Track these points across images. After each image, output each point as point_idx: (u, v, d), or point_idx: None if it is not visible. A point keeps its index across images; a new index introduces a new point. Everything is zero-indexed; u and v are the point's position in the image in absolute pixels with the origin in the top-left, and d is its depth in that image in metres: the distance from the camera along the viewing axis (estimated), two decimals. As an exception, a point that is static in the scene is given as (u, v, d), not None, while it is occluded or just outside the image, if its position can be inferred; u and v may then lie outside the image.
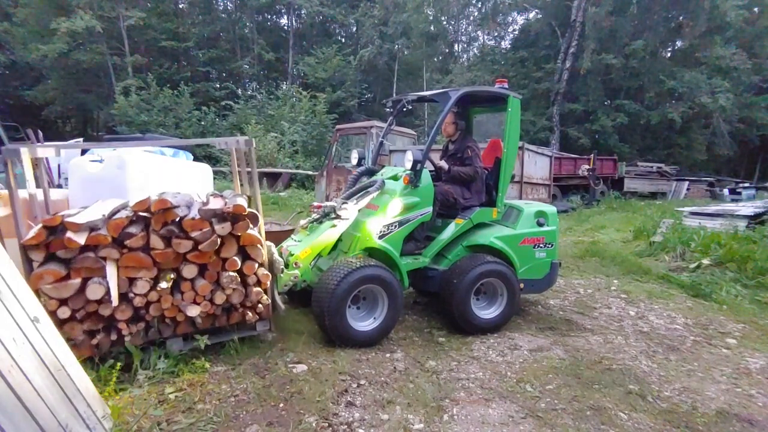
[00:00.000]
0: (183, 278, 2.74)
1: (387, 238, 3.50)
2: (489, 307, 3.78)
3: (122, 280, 2.60)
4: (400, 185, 3.57)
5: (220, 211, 2.75)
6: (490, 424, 2.36)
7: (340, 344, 3.21)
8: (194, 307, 2.76)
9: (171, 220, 2.69)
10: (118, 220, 2.60)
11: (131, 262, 2.60)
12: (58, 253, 2.49)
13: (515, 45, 27.38)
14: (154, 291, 2.65)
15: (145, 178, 4.49)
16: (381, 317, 3.31)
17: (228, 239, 2.80)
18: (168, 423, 2.22)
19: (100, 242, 2.53)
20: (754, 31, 22.31)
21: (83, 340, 2.58)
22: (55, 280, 2.43)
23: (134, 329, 2.70)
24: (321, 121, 20.60)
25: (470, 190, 3.96)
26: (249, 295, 2.94)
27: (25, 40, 22.57)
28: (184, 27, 26.90)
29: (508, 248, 3.81)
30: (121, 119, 21.24)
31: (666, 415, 2.52)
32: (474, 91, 4.03)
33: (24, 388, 1.54)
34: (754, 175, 26.48)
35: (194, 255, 2.72)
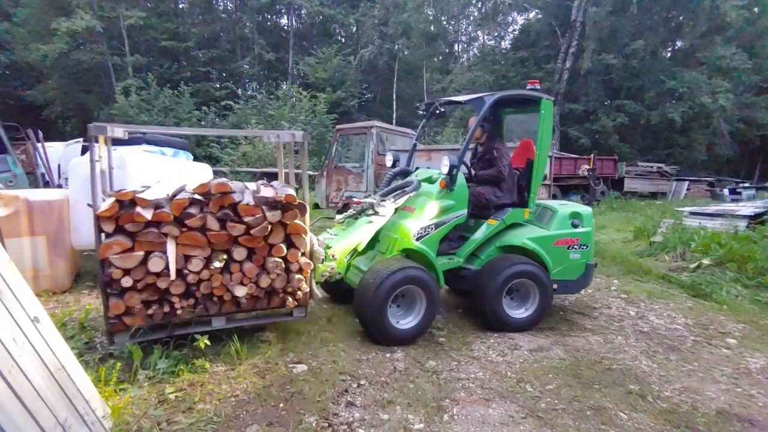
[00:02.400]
0: (233, 260, 2.88)
1: (424, 239, 3.61)
2: (521, 307, 3.83)
3: (179, 256, 2.74)
4: (436, 188, 3.68)
5: (272, 199, 2.90)
6: (490, 424, 2.36)
7: (381, 342, 3.34)
8: (241, 288, 2.90)
9: (228, 204, 2.84)
10: (180, 201, 2.75)
11: (188, 241, 2.76)
12: (126, 226, 2.65)
13: (515, 45, 27.38)
14: (206, 269, 2.80)
15: (145, 178, 4.49)
16: (419, 316, 3.41)
17: (276, 227, 2.94)
18: (168, 423, 2.22)
19: (164, 219, 2.69)
20: (754, 31, 22.30)
21: (139, 310, 2.73)
22: (121, 250, 2.61)
23: (185, 304, 2.84)
24: (321, 121, 20.61)
25: (502, 191, 4.00)
26: (291, 281, 3.07)
27: (25, 40, 22.58)
28: (184, 27, 26.90)
29: (541, 249, 3.83)
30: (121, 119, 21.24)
31: (666, 415, 2.52)
32: (508, 95, 4.06)
33: (24, 388, 1.54)
34: (754, 175, 26.47)
35: (245, 239, 2.87)
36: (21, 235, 4.12)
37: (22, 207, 4.14)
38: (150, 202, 2.70)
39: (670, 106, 21.75)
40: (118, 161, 4.38)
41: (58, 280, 4.36)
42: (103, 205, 2.66)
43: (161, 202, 2.75)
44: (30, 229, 4.18)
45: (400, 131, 9.94)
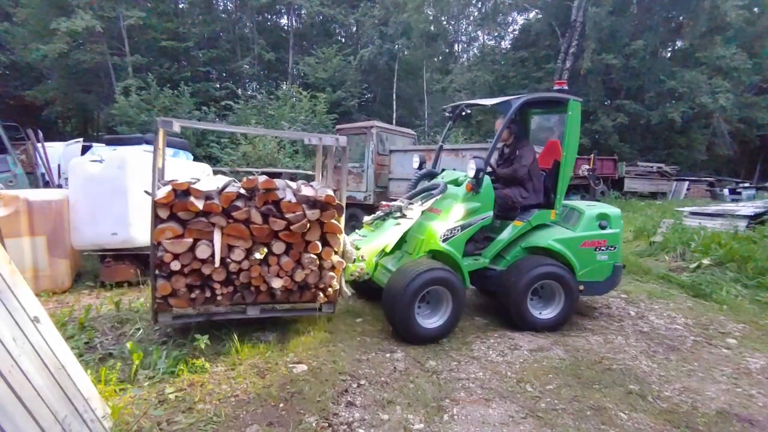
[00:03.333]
0: (272, 253, 3.06)
1: (450, 241, 3.68)
2: (546, 307, 3.85)
3: (223, 246, 2.91)
4: (462, 191, 3.73)
5: (313, 198, 3.06)
6: (490, 424, 2.36)
7: (408, 341, 3.41)
8: (278, 280, 3.07)
9: (271, 200, 3.02)
10: (229, 194, 2.93)
11: (233, 232, 2.94)
12: (179, 214, 2.85)
13: (515, 45, 27.37)
14: (247, 260, 2.98)
15: (145, 178, 4.49)
16: (445, 316, 3.48)
17: (314, 225, 3.09)
18: (168, 423, 2.21)
19: (213, 210, 2.88)
20: (754, 31, 22.30)
21: (184, 293, 2.92)
22: (173, 236, 2.80)
23: (225, 291, 3.03)
24: (321, 121, 20.60)
25: (528, 192, 4.03)
26: (323, 278, 3.23)
27: (25, 40, 22.57)
28: (184, 27, 26.90)
29: (567, 251, 3.85)
30: (121, 119, 21.24)
31: (666, 415, 2.52)
32: (535, 98, 4.07)
33: (24, 388, 1.54)
34: (754, 175, 26.46)
35: (285, 234, 3.03)
36: (21, 235, 4.12)
37: (22, 207, 4.14)
38: (202, 193, 2.88)
39: (670, 106, 21.75)
40: (118, 162, 4.39)
41: (58, 280, 4.36)
42: (160, 193, 2.81)
43: (211, 194, 2.94)
44: (30, 229, 4.18)
45: (400, 131, 9.93)
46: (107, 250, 4.51)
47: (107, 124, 24.51)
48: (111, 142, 8.98)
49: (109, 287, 4.48)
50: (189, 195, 2.84)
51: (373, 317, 3.93)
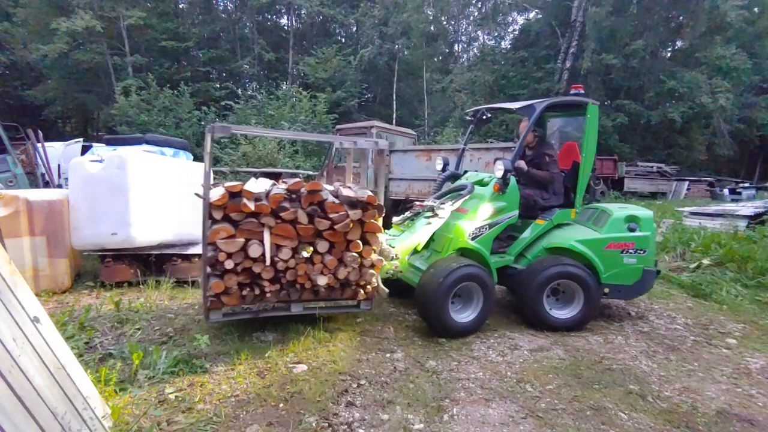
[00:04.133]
0: (316, 252, 3.18)
1: (479, 239, 3.80)
2: (565, 308, 3.86)
3: (272, 245, 3.03)
4: (489, 191, 3.84)
5: (355, 199, 3.21)
6: (490, 424, 2.36)
7: (442, 335, 3.52)
8: (323, 277, 3.21)
9: (316, 201, 3.16)
10: (277, 195, 3.07)
11: (281, 232, 3.08)
12: (232, 215, 2.99)
13: (515, 45, 27.36)
14: (293, 258, 3.12)
15: (145, 178, 4.50)
16: (477, 311, 3.61)
17: (355, 224, 3.23)
18: (168, 423, 2.21)
19: (263, 211, 3.02)
20: (754, 31, 22.30)
21: (235, 291, 3.04)
22: (226, 236, 2.94)
23: (273, 288, 3.16)
24: (321, 121, 20.59)
25: (549, 192, 4.14)
26: (363, 275, 3.36)
27: (25, 40, 22.57)
28: (184, 27, 26.90)
29: (590, 252, 3.85)
30: (121, 119, 21.23)
31: (666, 415, 2.52)
32: (557, 101, 4.21)
33: (24, 388, 1.54)
34: (754, 175, 26.47)
35: (329, 233, 3.16)
36: (21, 235, 4.12)
37: (22, 207, 4.14)
38: (254, 195, 3.04)
39: (670, 106, 21.74)
40: (118, 162, 4.39)
41: (58, 280, 4.36)
42: (215, 195, 2.96)
43: (261, 196, 3.10)
44: (30, 229, 4.18)
45: (400, 131, 9.93)
46: (107, 250, 4.50)
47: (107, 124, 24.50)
48: (111, 142, 8.99)
49: (109, 287, 4.48)
50: (241, 197, 2.99)
51: (373, 317, 3.93)
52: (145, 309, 3.77)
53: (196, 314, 3.79)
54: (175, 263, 4.71)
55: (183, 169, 5.19)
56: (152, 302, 3.99)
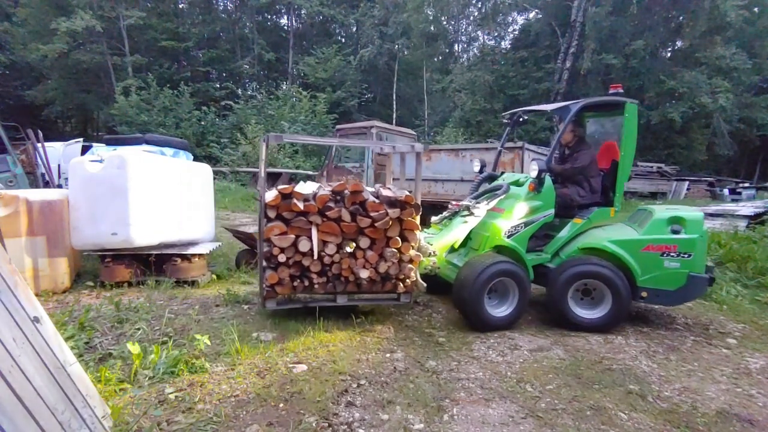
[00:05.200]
0: (358, 247, 3.50)
1: (515, 237, 3.90)
2: (593, 308, 3.84)
3: (319, 241, 3.37)
4: (525, 191, 3.94)
5: (394, 198, 3.49)
6: (490, 424, 2.36)
7: (479, 329, 3.69)
8: (364, 271, 3.51)
9: (358, 201, 3.48)
10: (323, 196, 3.43)
11: (327, 229, 3.43)
12: (284, 214, 3.38)
13: (515, 45, 27.35)
14: (338, 253, 3.46)
15: (145, 178, 4.50)
16: (512, 306, 3.74)
17: (394, 222, 3.52)
18: (168, 423, 2.21)
19: (311, 210, 3.39)
20: (754, 31, 22.30)
21: (287, 282, 3.44)
22: (279, 233, 3.33)
23: (320, 280, 3.51)
24: (321, 121, 20.61)
25: (586, 191, 4.15)
26: (402, 270, 3.63)
27: (25, 40, 22.58)
28: (184, 27, 26.91)
29: (624, 253, 3.77)
30: (121, 119, 21.24)
31: (666, 415, 2.52)
32: (592, 102, 4.23)
33: (24, 388, 1.54)
34: (754, 175, 26.46)
35: (370, 230, 3.48)
36: (21, 235, 4.12)
37: (22, 207, 4.14)
38: (302, 195, 3.40)
39: (670, 106, 21.72)
40: (118, 162, 4.39)
41: (58, 280, 4.36)
42: (269, 196, 3.35)
43: (309, 197, 3.45)
44: (30, 229, 4.18)
45: (399, 131, 9.93)
46: (107, 250, 4.50)
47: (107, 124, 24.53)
48: (111, 142, 8.99)
49: (109, 287, 4.48)
50: (292, 198, 3.35)
51: (373, 317, 3.93)
52: (145, 309, 3.77)
53: (197, 314, 3.80)
54: (175, 263, 4.71)
55: (183, 169, 5.19)
56: (152, 302, 3.99)
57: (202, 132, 22.06)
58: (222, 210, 11.48)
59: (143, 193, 4.45)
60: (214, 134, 21.78)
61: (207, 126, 22.22)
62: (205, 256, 4.91)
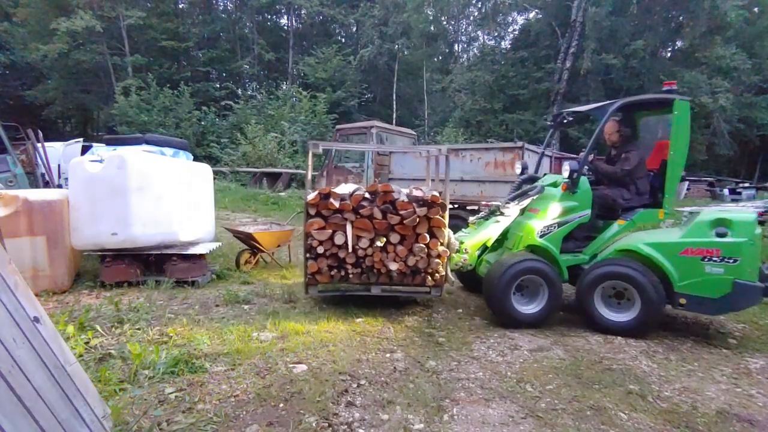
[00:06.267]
0: (389, 242, 3.85)
1: (547, 237, 3.95)
2: (623, 311, 3.72)
3: (353, 236, 3.76)
4: (559, 191, 3.99)
5: (421, 198, 3.79)
6: (490, 424, 2.36)
7: (506, 324, 3.81)
8: (394, 264, 3.82)
9: (389, 200, 3.82)
10: (357, 195, 3.83)
11: (360, 225, 3.81)
12: (323, 211, 3.81)
13: (515, 45, 27.36)
14: (371, 247, 3.82)
15: (145, 178, 4.50)
16: (542, 303, 3.80)
17: (423, 220, 3.82)
18: (168, 423, 2.21)
19: (345, 208, 3.79)
20: (754, 31, 22.30)
21: (325, 272, 3.86)
22: (318, 227, 3.77)
23: (355, 271, 3.90)
24: (321, 121, 20.61)
25: (631, 192, 4.06)
26: (430, 264, 3.89)
27: (25, 40, 22.58)
28: (184, 27, 26.91)
29: (660, 255, 3.59)
30: (121, 119, 21.24)
31: (666, 415, 2.52)
32: (631, 101, 4.13)
33: (24, 388, 1.54)
34: (754, 175, 26.46)
35: (399, 227, 3.80)
36: (21, 235, 4.12)
37: (22, 207, 4.14)
38: (339, 195, 3.83)
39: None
40: (118, 162, 4.39)
41: (58, 280, 4.36)
42: (311, 196, 3.82)
43: (345, 196, 3.84)
44: (30, 229, 4.18)
45: (399, 131, 9.93)
46: (107, 250, 4.50)
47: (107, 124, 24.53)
48: (111, 142, 8.99)
49: (109, 287, 4.48)
50: (329, 197, 3.75)
51: (373, 317, 3.93)
52: (145, 309, 3.77)
53: (196, 314, 3.80)
54: (175, 263, 4.71)
55: (183, 169, 5.19)
56: (152, 302, 3.99)
57: (202, 132, 22.07)
58: (222, 210, 11.48)
59: (143, 193, 4.45)
60: (214, 134, 21.79)
61: (207, 126, 22.23)
62: (205, 256, 4.91)
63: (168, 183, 4.79)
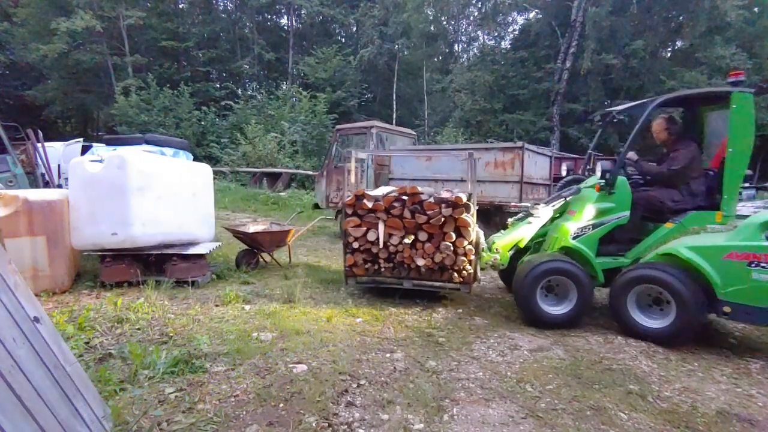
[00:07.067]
0: (418, 240, 4.16)
1: (581, 238, 3.93)
2: (658, 318, 3.52)
3: (385, 233, 4.17)
4: (594, 192, 3.94)
5: (446, 199, 4.02)
6: (490, 424, 2.36)
7: (531, 324, 3.86)
8: (421, 260, 4.15)
9: (417, 201, 4.14)
10: (389, 197, 4.19)
11: (391, 224, 4.19)
12: (358, 211, 4.27)
13: (515, 45, 27.36)
14: (401, 244, 4.16)
15: (145, 178, 4.50)
16: (570, 305, 3.77)
17: (449, 220, 4.05)
18: (168, 423, 2.21)
19: (378, 208, 4.21)
20: (754, 31, 22.29)
21: (360, 265, 4.34)
22: (354, 225, 4.26)
23: (387, 266, 4.31)
24: (321, 121, 20.61)
25: (682, 194, 3.82)
26: (457, 262, 4.11)
27: (25, 40, 22.59)
28: (184, 27, 26.91)
29: (701, 260, 3.29)
30: (121, 119, 21.25)
31: (666, 415, 2.52)
32: (673, 96, 4.01)
33: (24, 388, 1.54)
34: (754, 176, 26.44)
35: (427, 226, 4.10)
36: (21, 235, 4.12)
37: (22, 207, 4.14)
38: (372, 197, 4.27)
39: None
40: (118, 162, 4.39)
41: (58, 280, 4.36)
42: (348, 197, 4.30)
43: (378, 198, 4.25)
44: (30, 229, 4.18)
45: (399, 131, 9.92)
46: (107, 250, 4.50)
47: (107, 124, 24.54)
48: (111, 142, 8.98)
49: (109, 287, 4.48)
50: (364, 198, 4.22)
51: (373, 317, 3.93)
52: (145, 309, 3.77)
53: (196, 314, 3.80)
54: (175, 263, 4.71)
55: (183, 169, 5.19)
56: (152, 302, 3.99)
57: (202, 132, 22.08)
58: (222, 210, 11.49)
59: (143, 193, 4.45)
60: (214, 134, 21.80)
61: (207, 126, 22.23)
62: (205, 256, 4.91)
63: (168, 183, 4.79)
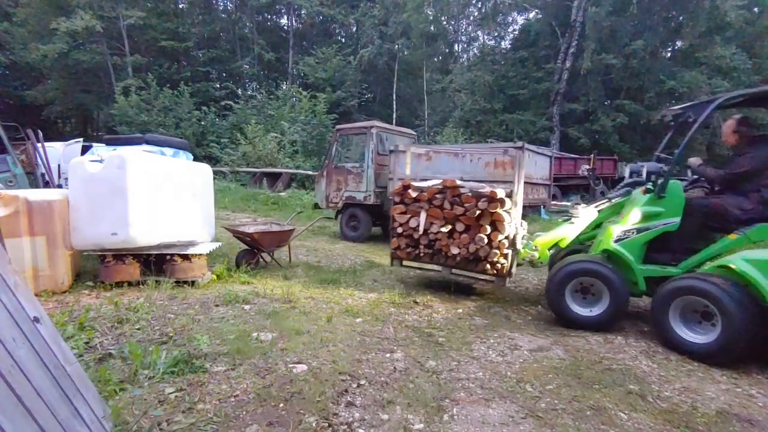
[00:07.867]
0: (455, 230, 4.43)
1: (623, 242, 3.80)
2: (702, 333, 3.30)
3: (427, 222, 4.52)
4: (642, 195, 3.85)
5: (484, 193, 4.23)
6: (490, 424, 2.36)
7: (561, 324, 3.90)
8: (456, 249, 4.40)
9: (457, 194, 4.40)
10: (433, 188, 4.53)
11: (433, 213, 4.52)
12: (404, 200, 4.72)
13: (515, 45, 27.38)
14: (440, 232, 4.45)
15: (145, 178, 4.50)
16: (602, 308, 3.75)
17: (485, 213, 4.25)
18: (168, 423, 2.21)
19: (422, 198, 4.58)
20: (754, 31, 22.30)
21: (403, 248, 4.76)
22: (399, 212, 4.73)
23: (426, 251, 4.62)
24: (321, 121, 20.61)
25: (753, 201, 3.47)
26: (490, 254, 4.28)
27: (25, 40, 22.59)
28: (184, 27, 26.90)
29: (756, 273, 3.02)
30: (121, 119, 21.25)
31: (666, 415, 2.52)
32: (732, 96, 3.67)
33: (24, 388, 1.54)
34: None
35: (464, 217, 4.34)
36: (21, 235, 4.12)
37: (22, 207, 4.14)
38: (417, 188, 4.64)
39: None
40: (118, 161, 4.38)
41: (58, 280, 4.36)
42: (396, 186, 4.79)
43: (423, 188, 4.60)
44: (30, 229, 4.18)
45: (399, 131, 9.92)
46: (107, 250, 4.50)
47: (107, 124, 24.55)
48: (111, 142, 8.98)
49: (109, 287, 4.48)
50: (409, 188, 4.65)
51: (373, 317, 3.93)
52: (145, 309, 3.77)
53: (196, 314, 3.80)
54: (175, 263, 4.71)
55: (183, 169, 5.19)
56: (152, 302, 3.99)
57: (202, 132, 22.08)
58: (222, 210, 11.49)
59: (143, 193, 4.45)
60: (214, 134, 21.80)
61: (207, 126, 22.24)
62: (205, 256, 4.91)
63: (168, 183, 4.78)
